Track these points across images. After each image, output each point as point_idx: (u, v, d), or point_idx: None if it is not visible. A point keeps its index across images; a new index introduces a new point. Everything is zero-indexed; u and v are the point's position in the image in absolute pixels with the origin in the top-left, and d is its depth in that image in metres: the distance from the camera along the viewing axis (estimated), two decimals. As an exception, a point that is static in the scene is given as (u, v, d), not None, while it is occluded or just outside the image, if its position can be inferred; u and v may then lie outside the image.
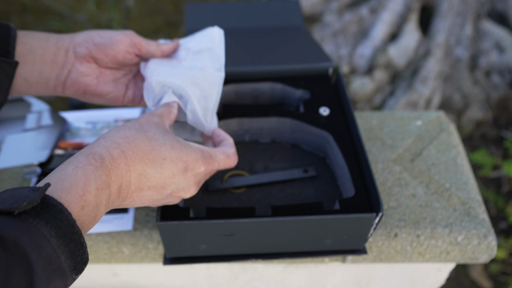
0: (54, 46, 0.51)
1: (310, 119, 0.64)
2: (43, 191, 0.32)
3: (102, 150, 0.40)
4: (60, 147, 0.71)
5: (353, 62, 1.89)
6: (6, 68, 0.47)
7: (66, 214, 0.33)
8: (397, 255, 0.63)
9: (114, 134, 0.43)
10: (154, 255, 0.63)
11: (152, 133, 0.45)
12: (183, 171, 0.45)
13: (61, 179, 0.36)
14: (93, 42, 0.53)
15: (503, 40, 1.85)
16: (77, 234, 0.34)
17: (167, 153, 0.44)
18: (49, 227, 0.31)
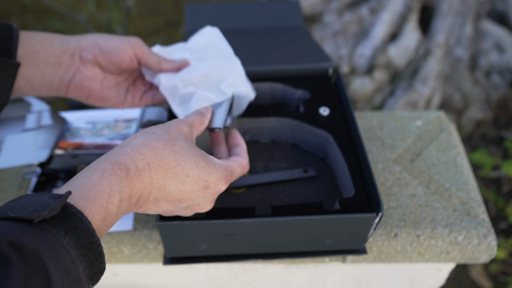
0: (59, 49, 0.51)
1: (310, 119, 0.64)
2: (64, 199, 0.31)
3: (128, 160, 0.39)
4: (60, 147, 0.71)
5: (353, 62, 1.89)
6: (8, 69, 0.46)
7: (86, 223, 0.33)
8: (397, 255, 0.63)
9: (141, 143, 0.41)
10: (154, 255, 0.63)
11: (179, 146, 0.43)
12: (203, 189, 0.45)
13: (86, 189, 0.35)
14: (99, 48, 0.52)
15: (503, 40, 1.85)
16: (95, 244, 0.33)
17: (191, 171, 0.43)
18: (68, 237, 0.31)
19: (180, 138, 0.44)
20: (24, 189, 0.68)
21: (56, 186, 0.68)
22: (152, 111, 0.73)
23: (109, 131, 0.75)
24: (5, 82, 0.47)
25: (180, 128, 0.45)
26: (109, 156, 0.39)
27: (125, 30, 1.72)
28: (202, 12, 0.82)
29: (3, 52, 0.46)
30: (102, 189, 0.36)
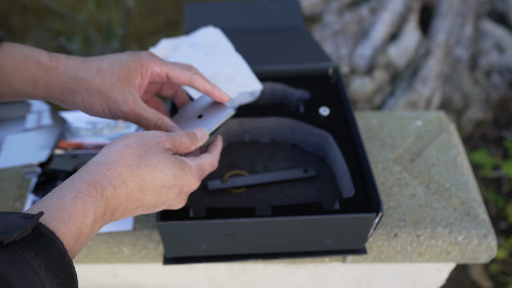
0: (42, 94, 0.47)
1: (310, 119, 0.64)
2: (35, 220, 0.31)
3: (104, 180, 0.39)
4: (60, 147, 0.71)
5: (353, 62, 1.89)
6: None
7: (57, 244, 0.32)
8: (397, 255, 0.63)
9: (116, 160, 0.41)
10: (154, 255, 0.63)
11: (157, 160, 0.43)
12: (179, 193, 0.46)
13: (59, 209, 0.35)
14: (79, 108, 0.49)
15: (503, 40, 1.85)
16: (67, 265, 0.33)
17: (167, 182, 0.44)
18: (38, 259, 0.30)
19: (158, 151, 0.44)
20: (24, 189, 0.68)
21: (56, 186, 0.68)
22: (152, 111, 0.73)
23: (109, 131, 0.75)
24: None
25: (159, 142, 0.44)
26: (83, 175, 0.38)
27: (125, 30, 1.72)
28: (202, 12, 0.82)
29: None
30: (76, 210, 0.35)
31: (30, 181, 0.69)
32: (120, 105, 0.48)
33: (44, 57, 0.46)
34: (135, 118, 0.49)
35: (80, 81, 0.47)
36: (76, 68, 0.48)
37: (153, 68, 0.50)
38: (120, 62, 0.49)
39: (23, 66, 0.45)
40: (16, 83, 0.45)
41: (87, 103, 0.48)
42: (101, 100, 0.48)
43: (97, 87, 0.47)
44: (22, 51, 0.45)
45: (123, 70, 0.49)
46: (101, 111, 0.48)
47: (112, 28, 1.78)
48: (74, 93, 0.48)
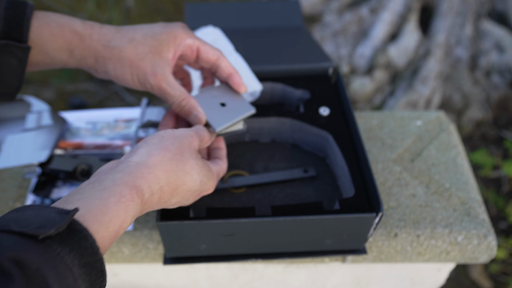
0: (77, 62, 0.48)
1: (310, 119, 0.64)
2: (71, 216, 0.31)
3: (145, 185, 0.39)
4: (60, 147, 0.71)
5: (353, 62, 1.89)
6: (18, 53, 0.43)
7: (90, 241, 0.32)
8: (397, 255, 0.63)
9: (157, 164, 0.41)
10: (154, 255, 0.63)
11: (190, 167, 0.44)
12: (197, 196, 0.48)
13: (102, 212, 0.35)
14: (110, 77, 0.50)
15: (503, 40, 1.85)
16: (99, 262, 0.33)
17: (194, 187, 0.45)
18: (72, 255, 0.30)
19: (192, 156, 0.45)
20: (24, 189, 0.68)
21: (56, 186, 0.68)
22: (152, 111, 0.73)
23: (109, 131, 0.75)
24: (16, 66, 0.44)
25: (191, 144, 0.46)
26: (126, 177, 0.39)
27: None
28: (202, 12, 0.82)
29: (13, 33, 0.43)
30: (118, 215, 0.36)
31: (30, 181, 0.69)
32: (148, 76, 0.48)
33: (78, 25, 0.47)
34: (160, 92, 0.50)
35: (113, 50, 0.48)
36: (110, 37, 0.48)
37: (186, 40, 0.50)
38: (153, 34, 0.49)
39: (59, 34, 0.46)
40: (52, 51, 0.46)
41: (118, 71, 0.49)
42: (131, 70, 0.48)
43: (128, 57, 0.48)
44: (57, 20, 0.46)
45: (155, 42, 0.49)
46: (131, 80, 0.49)
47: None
48: (107, 61, 0.48)
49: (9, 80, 0.45)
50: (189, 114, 0.51)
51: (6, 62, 0.43)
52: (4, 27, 0.42)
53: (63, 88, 1.93)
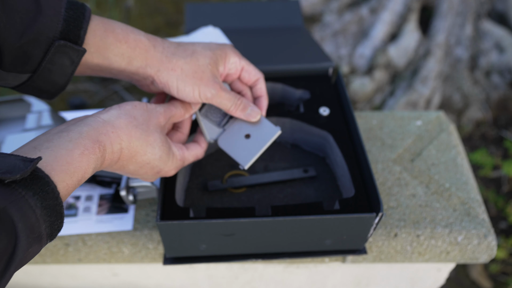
0: (134, 70, 0.49)
1: (310, 119, 0.64)
2: (34, 164, 0.33)
3: (107, 142, 0.42)
4: (60, 147, 0.71)
5: (353, 62, 1.89)
6: (73, 55, 0.44)
7: (52, 186, 0.35)
8: (397, 255, 0.63)
9: (122, 126, 0.44)
10: (154, 255, 0.63)
11: (153, 138, 0.47)
12: (156, 173, 0.50)
13: (67, 162, 0.38)
14: (169, 89, 0.51)
15: (503, 40, 1.85)
16: (59, 206, 0.36)
17: (153, 162, 0.48)
18: (35, 198, 0.33)
19: (156, 130, 0.47)
20: (24, 189, 0.68)
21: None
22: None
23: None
24: (68, 67, 0.44)
25: (158, 119, 0.48)
26: (91, 131, 0.41)
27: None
28: (202, 12, 0.82)
29: (71, 35, 0.43)
30: (81, 166, 0.38)
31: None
32: (210, 87, 0.51)
33: (142, 35, 0.49)
34: (219, 100, 0.52)
35: (177, 62, 0.50)
36: (173, 50, 0.51)
37: (234, 58, 0.54)
38: (210, 48, 0.52)
39: (123, 40, 0.47)
40: (113, 56, 0.47)
41: (180, 83, 0.50)
42: (193, 81, 0.50)
43: (192, 69, 0.50)
44: (123, 27, 0.48)
45: (213, 55, 0.52)
46: (191, 91, 0.51)
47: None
48: (170, 73, 0.50)
49: (58, 79, 0.45)
50: (245, 110, 0.55)
51: (59, 62, 0.44)
52: (63, 28, 0.43)
53: (63, 88, 1.92)
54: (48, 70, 0.44)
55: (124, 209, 0.65)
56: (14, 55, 0.41)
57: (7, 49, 0.40)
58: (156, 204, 0.65)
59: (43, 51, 0.42)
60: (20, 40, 0.41)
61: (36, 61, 0.42)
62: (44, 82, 0.45)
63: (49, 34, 0.42)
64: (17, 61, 0.42)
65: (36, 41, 0.41)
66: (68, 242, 0.62)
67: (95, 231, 0.62)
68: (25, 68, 0.42)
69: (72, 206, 0.66)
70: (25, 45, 0.41)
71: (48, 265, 0.70)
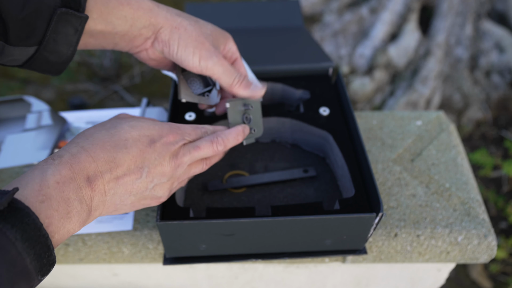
0: (137, 31, 0.49)
1: (310, 119, 0.64)
2: (11, 195, 0.32)
3: (61, 152, 0.40)
4: (60, 147, 0.71)
5: (353, 62, 1.89)
6: (75, 22, 0.43)
7: (33, 217, 0.33)
8: (397, 255, 0.63)
9: (74, 138, 0.43)
10: (154, 255, 0.63)
11: (110, 124, 0.44)
12: (150, 143, 0.44)
13: (19, 180, 0.37)
14: (170, 50, 0.50)
15: (503, 40, 1.85)
16: (43, 237, 0.34)
17: (127, 134, 0.43)
18: (14, 231, 0.32)
19: (111, 120, 0.45)
20: (24, 189, 0.68)
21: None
22: (152, 111, 0.73)
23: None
24: (72, 36, 0.44)
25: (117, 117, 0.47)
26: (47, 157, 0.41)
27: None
28: (202, 12, 0.82)
29: (72, 2, 0.43)
30: (33, 176, 0.37)
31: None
32: (212, 54, 0.50)
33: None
34: (221, 69, 0.51)
35: (182, 21, 0.50)
36: (177, 11, 0.51)
37: (232, 46, 0.55)
38: (212, 25, 0.53)
39: (125, 2, 0.47)
40: (116, 20, 0.46)
41: (182, 42, 0.49)
42: (195, 44, 0.49)
43: (195, 32, 0.50)
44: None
45: (215, 30, 0.53)
46: (191, 54, 0.50)
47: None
48: (173, 30, 0.49)
49: (63, 49, 0.45)
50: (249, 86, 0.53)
51: (64, 31, 0.43)
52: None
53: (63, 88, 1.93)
54: (53, 40, 0.43)
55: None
56: (18, 28, 0.41)
57: (11, 22, 0.40)
58: (156, 204, 0.65)
59: (46, 21, 0.42)
60: (23, 12, 0.40)
61: (41, 32, 0.42)
62: (51, 53, 0.44)
63: (50, 3, 0.42)
64: (22, 33, 0.41)
65: (38, 11, 0.41)
66: (68, 242, 0.62)
67: (95, 231, 0.62)
68: (31, 41, 0.42)
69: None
70: (27, 17, 0.41)
71: (48, 265, 0.70)
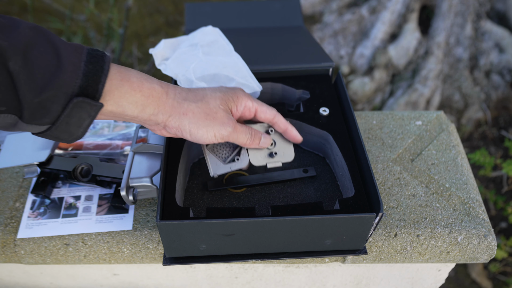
0: (147, 116, 0.50)
1: (310, 119, 0.64)
2: None
3: None
4: (60, 147, 0.71)
5: (353, 62, 1.89)
6: (90, 109, 0.44)
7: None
8: (397, 255, 0.63)
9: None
10: (154, 255, 0.63)
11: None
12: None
13: None
14: (182, 134, 0.52)
15: (503, 40, 1.85)
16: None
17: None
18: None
19: None
20: (24, 189, 0.68)
21: (57, 187, 0.68)
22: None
23: (109, 131, 0.75)
24: (85, 120, 0.45)
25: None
26: None
27: (125, 30, 1.72)
28: (202, 12, 0.82)
29: (90, 89, 0.44)
30: None
31: (30, 181, 0.69)
32: (226, 125, 0.52)
33: (156, 82, 0.50)
34: (237, 136, 0.54)
35: (189, 106, 0.51)
36: (184, 95, 0.52)
37: (247, 102, 0.55)
38: (220, 90, 0.54)
39: (138, 89, 0.48)
40: (127, 104, 0.48)
41: (193, 126, 0.51)
42: (206, 123, 0.51)
43: (204, 111, 0.51)
44: (138, 76, 0.49)
45: (224, 96, 0.53)
46: (205, 134, 0.52)
47: (112, 28, 1.78)
48: (182, 117, 0.51)
49: (74, 130, 0.46)
50: (259, 140, 0.57)
51: (77, 116, 0.44)
52: (82, 82, 0.43)
53: (63, 88, 1.92)
54: (66, 123, 0.44)
55: (124, 209, 0.65)
56: (33, 109, 0.42)
57: (27, 104, 0.41)
58: (156, 204, 0.65)
59: (62, 106, 0.43)
60: (40, 96, 0.41)
61: (55, 115, 0.43)
62: (62, 132, 0.45)
63: (67, 91, 0.42)
64: (36, 114, 0.42)
65: (55, 97, 0.42)
66: (68, 242, 0.62)
67: (95, 231, 0.62)
68: (44, 121, 0.43)
69: (72, 206, 0.66)
70: (44, 101, 0.41)
71: (48, 265, 0.70)
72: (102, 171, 0.65)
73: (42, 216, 0.65)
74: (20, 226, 0.64)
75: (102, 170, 0.65)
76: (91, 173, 0.65)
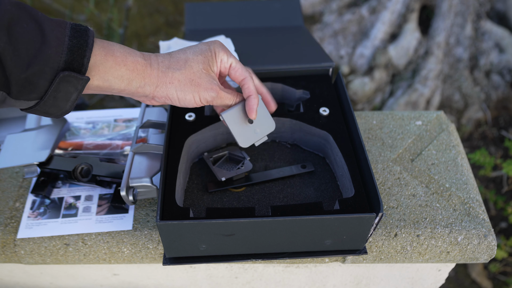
0: (134, 90, 0.51)
1: (310, 119, 0.64)
2: None
3: None
4: (60, 147, 0.71)
5: (353, 62, 1.89)
6: (76, 83, 0.45)
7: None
8: (397, 255, 0.63)
9: None
10: (154, 255, 0.63)
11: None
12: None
13: None
14: (171, 101, 0.53)
15: (503, 40, 1.85)
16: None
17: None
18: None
19: None
20: (24, 189, 0.68)
21: (56, 187, 0.68)
22: (152, 111, 0.73)
23: (109, 131, 0.75)
24: (72, 93, 0.46)
25: None
26: None
27: (125, 30, 1.72)
28: (202, 12, 0.82)
29: (75, 63, 0.44)
30: None
31: (30, 181, 0.69)
32: (209, 91, 0.53)
33: (139, 55, 0.50)
34: (220, 101, 0.55)
35: (173, 74, 0.52)
36: (167, 63, 0.53)
37: (222, 56, 0.55)
38: (200, 52, 0.54)
39: (122, 63, 0.48)
40: (113, 79, 0.48)
41: (180, 93, 0.52)
42: (192, 89, 0.53)
43: (188, 78, 0.52)
44: (121, 50, 0.49)
45: (205, 58, 0.54)
46: (192, 99, 0.53)
47: (112, 28, 1.78)
48: (169, 86, 0.52)
49: (62, 104, 0.46)
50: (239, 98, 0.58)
51: (64, 90, 0.45)
52: (67, 57, 0.44)
53: (63, 88, 1.92)
54: (54, 97, 0.45)
55: (124, 209, 0.65)
56: (20, 85, 0.42)
57: (14, 80, 0.41)
58: (156, 204, 0.65)
59: (49, 81, 0.43)
60: (26, 72, 0.41)
61: (42, 89, 0.43)
62: (50, 107, 0.46)
63: (53, 65, 0.43)
64: (24, 90, 0.43)
65: (42, 72, 0.42)
66: (68, 242, 0.62)
67: (95, 231, 0.62)
68: (32, 96, 0.44)
69: (72, 206, 0.66)
70: (30, 76, 0.42)
71: (48, 265, 0.70)
72: (102, 171, 0.65)
73: (42, 216, 0.65)
74: (20, 226, 0.64)
75: (102, 170, 0.65)
76: (91, 173, 0.65)
